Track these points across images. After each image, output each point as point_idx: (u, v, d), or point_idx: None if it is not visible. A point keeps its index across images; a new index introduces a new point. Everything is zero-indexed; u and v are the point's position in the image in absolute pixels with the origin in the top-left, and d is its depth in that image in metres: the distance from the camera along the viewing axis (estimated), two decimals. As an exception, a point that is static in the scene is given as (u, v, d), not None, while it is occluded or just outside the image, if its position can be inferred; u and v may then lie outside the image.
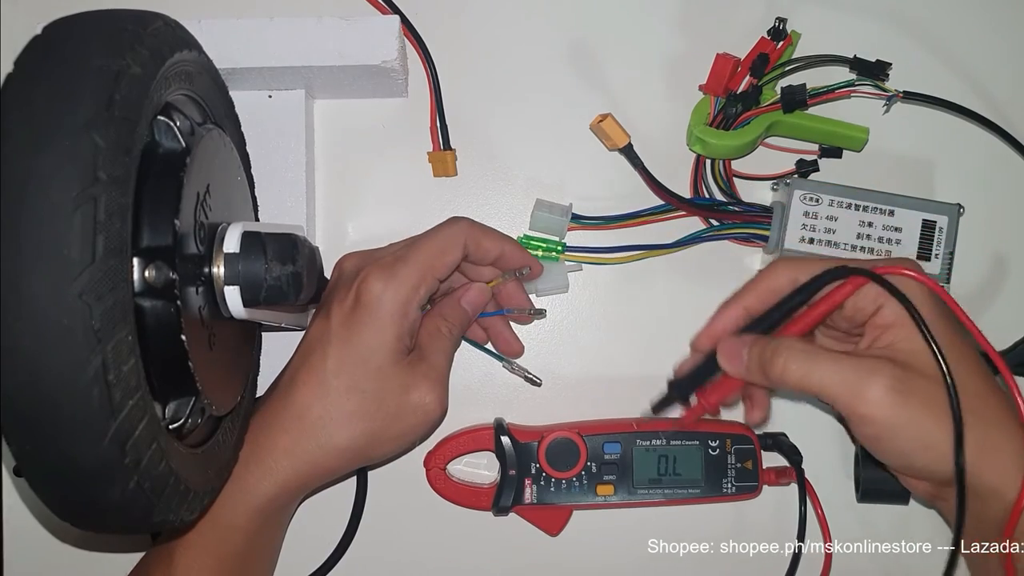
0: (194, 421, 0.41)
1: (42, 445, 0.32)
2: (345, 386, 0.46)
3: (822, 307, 0.44)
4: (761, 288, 0.46)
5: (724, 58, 0.52)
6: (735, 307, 0.47)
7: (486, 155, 0.56)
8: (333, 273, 0.51)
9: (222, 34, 0.49)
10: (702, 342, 0.48)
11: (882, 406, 0.41)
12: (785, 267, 0.46)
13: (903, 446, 0.42)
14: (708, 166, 0.55)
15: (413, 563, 0.56)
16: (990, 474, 0.41)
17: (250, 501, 0.46)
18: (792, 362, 0.42)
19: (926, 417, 0.41)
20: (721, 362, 0.46)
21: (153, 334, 0.37)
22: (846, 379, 0.41)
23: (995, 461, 0.41)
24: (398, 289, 0.46)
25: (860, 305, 0.44)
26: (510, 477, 0.53)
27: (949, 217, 0.53)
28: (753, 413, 0.49)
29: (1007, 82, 0.57)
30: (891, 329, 0.43)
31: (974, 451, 0.41)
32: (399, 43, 0.51)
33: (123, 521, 0.36)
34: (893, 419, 0.41)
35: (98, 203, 0.31)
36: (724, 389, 0.47)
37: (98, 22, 0.36)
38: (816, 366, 0.42)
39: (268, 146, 0.53)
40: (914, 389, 0.41)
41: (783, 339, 0.44)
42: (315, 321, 0.48)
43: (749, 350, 0.44)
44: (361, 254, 0.51)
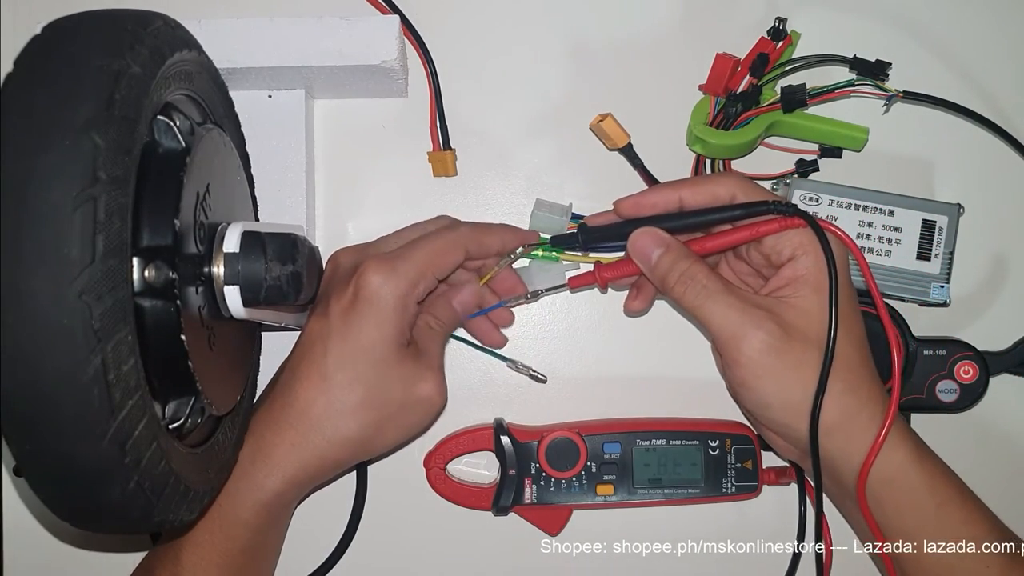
0: (194, 421, 0.40)
1: (42, 445, 0.32)
2: (348, 379, 0.46)
3: (744, 233, 0.46)
4: (703, 188, 0.47)
5: (724, 58, 0.52)
6: (672, 193, 0.48)
7: (486, 155, 0.56)
8: (327, 267, 0.51)
9: (222, 34, 0.49)
10: (626, 208, 0.49)
11: (753, 357, 0.44)
12: (733, 181, 0.47)
13: (765, 398, 0.45)
14: (708, 166, 0.55)
15: (413, 563, 0.56)
16: (843, 439, 0.45)
17: (258, 497, 0.46)
18: (690, 290, 0.45)
19: (792, 378, 0.44)
20: (630, 250, 0.47)
21: (153, 334, 0.37)
22: (731, 323, 0.44)
23: (851, 428, 0.45)
24: (398, 283, 0.46)
25: (779, 248, 0.46)
26: (510, 477, 0.53)
27: (949, 217, 0.53)
28: (635, 303, 0.51)
29: (1007, 82, 0.57)
30: (794, 283, 0.45)
31: (833, 415, 0.44)
32: (399, 43, 0.51)
33: (123, 521, 0.36)
34: (760, 371, 0.44)
35: (98, 203, 0.31)
36: (621, 271, 0.49)
37: (98, 22, 0.36)
38: (708, 302, 0.45)
39: (268, 146, 0.53)
40: (789, 349, 0.44)
41: (691, 265, 0.45)
42: (313, 316, 0.48)
43: (661, 255, 0.46)
44: (355, 248, 0.51)
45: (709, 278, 0.45)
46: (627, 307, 0.51)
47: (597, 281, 0.50)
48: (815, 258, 0.44)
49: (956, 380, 0.53)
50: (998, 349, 0.55)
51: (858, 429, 0.45)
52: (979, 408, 0.54)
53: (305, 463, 0.46)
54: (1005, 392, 0.55)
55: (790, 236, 0.45)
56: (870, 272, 0.46)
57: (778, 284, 0.46)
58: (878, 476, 0.45)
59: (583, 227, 0.50)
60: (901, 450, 0.45)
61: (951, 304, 0.54)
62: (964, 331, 0.55)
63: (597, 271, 0.50)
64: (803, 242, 0.45)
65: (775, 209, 0.45)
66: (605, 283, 0.50)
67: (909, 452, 0.46)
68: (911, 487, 0.46)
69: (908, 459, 0.45)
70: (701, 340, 0.55)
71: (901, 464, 0.45)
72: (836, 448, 0.45)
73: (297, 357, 0.48)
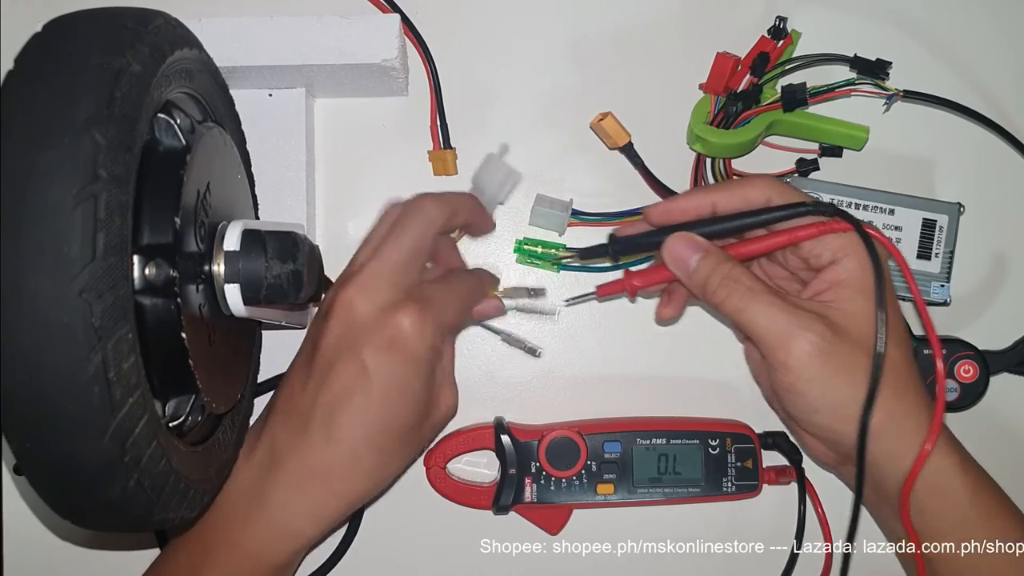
0: (194, 419, 0.41)
1: (42, 443, 0.32)
2: (393, 431, 0.45)
3: (782, 238, 0.44)
4: (737, 192, 0.46)
5: (724, 57, 0.52)
6: (705, 198, 0.47)
7: (486, 154, 0.56)
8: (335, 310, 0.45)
9: (222, 32, 0.49)
10: (656, 215, 0.48)
11: (803, 360, 0.43)
12: (766, 183, 0.46)
13: (813, 403, 0.44)
14: (708, 165, 0.55)
15: (413, 562, 0.56)
16: (890, 443, 0.44)
17: (298, 544, 0.46)
18: (734, 294, 0.44)
19: (842, 380, 0.43)
20: (666, 257, 0.46)
21: (153, 332, 0.37)
22: (778, 326, 0.43)
23: (898, 432, 0.44)
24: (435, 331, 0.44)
25: (818, 252, 0.44)
26: (510, 476, 0.53)
27: (949, 216, 0.53)
28: (667, 309, 0.50)
29: (1007, 82, 0.57)
30: (837, 287, 0.44)
31: (880, 417, 0.43)
32: (399, 42, 0.51)
33: (123, 519, 0.36)
34: (810, 374, 0.43)
35: (98, 201, 0.31)
36: (653, 277, 0.47)
37: (98, 20, 0.36)
38: (753, 304, 0.43)
39: (268, 145, 0.53)
40: (838, 352, 0.43)
41: (733, 268, 0.44)
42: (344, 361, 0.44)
43: (700, 260, 0.45)
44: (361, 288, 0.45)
45: (753, 280, 0.44)
46: (658, 314, 0.50)
47: (626, 289, 0.48)
48: (858, 261, 0.43)
49: (956, 379, 0.53)
50: (998, 348, 0.55)
51: (905, 434, 0.44)
52: (979, 407, 0.54)
53: (350, 506, 0.46)
54: (1005, 391, 0.55)
55: (830, 239, 0.44)
56: (912, 277, 0.44)
57: (820, 288, 0.45)
58: (923, 481, 0.44)
59: (612, 238, 0.49)
60: (947, 457, 0.45)
61: (951, 303, 0.54)
62: (964, 330, 0.55)
63: (627, 279, 0.48)
64: (843, 245, 0.44)
65: (816, 210, 0.43)
66: (635, 291, 0.48)
67: (954, 459, 0.45)
68: (954, 494, 0.45)
69: (953, 466, 0.45)
70: (701, 340, 0.56)
71: (947, 471, 0.44)
72: (882, 452, 0.44)
73: (330, 407, 0.44)
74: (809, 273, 0.46)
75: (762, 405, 0.55)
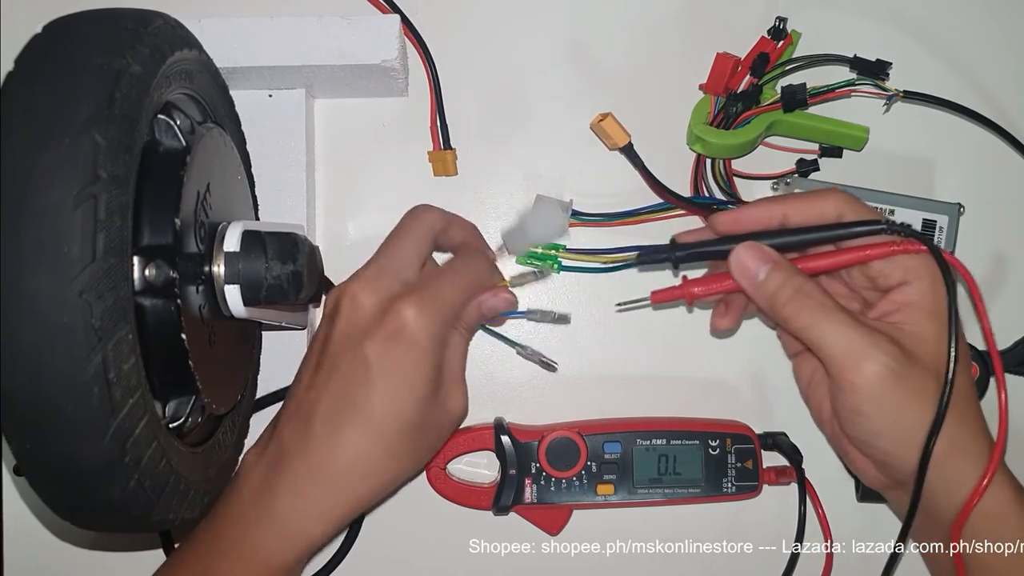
0: (194, 420, 0.41)
1: (42, 444, 0.32)
2: (398, 427, 0.44)
3: (852, 255, 0.43)
4: (809, 205, 0.45)
5: (724, 57, 0.52)
6: (775, 209, 0.45)
7: (486, 154, 0.56)
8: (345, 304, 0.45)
9: (222, 33, 0.49)
10: (723, 223, 0.46)
11: (874, 382, 0.41)
12: (840, 197, 0.44)
13: (878, 426, 0.43)
14: (708, 165, 0.55)
15: (414, 562, 0.56)
16: (950, 470, 0.43)
17: (306, 545, 0.46)
18: (804, 309, 0.42)
19: (911, 405, 0.42)
20: (733, 267, 0.44)
21: (153, 333, 0.37)
22: (850, 345, 0.42)
23: (958, 459, 0.43)
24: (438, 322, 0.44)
25: (888, 272, 0.43)
26: (510, 476, 0.53)
27: (949, 216, 0.53)
28: (724, 320, 0.48)
29: (1007, 82, 0.57)
30: (907, 309, 0.43)
31: (944, 445, 0.42)
32: (399, 42, 0.51)
33: (123, 519, 0.36)
34: (880, 397, 0.42)
35: (98, 201, 0.31)
36: (714, 287, 0.46)
37: (99, 21, 0.36)
38: (824, 322, 0.42)
39: (268, 145, 0.53)
40: (910, 376, 0.42)
41: (805, 282, 0.43)
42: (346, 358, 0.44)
43: (769, 272, 0.43)
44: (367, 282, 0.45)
45: (824, 296, 0.43)
46: (715, 325, 0.48)
47: (684, 297, 0.47)
48: (930, 283, 0.42)
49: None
50: (998, 349, 0.54)
51: (967, 461, 0.43)
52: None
53: (355, 509, 0.46)
54: (1005, 392, 0.55)
55: (901, 259, 0.43)
56: (982, 304, 0.44)
57: (888, 309, 0.44)
58: (977, 512, 0.43)
59: (675, 243, 0.47)
60: (1005, 487, 0.44)
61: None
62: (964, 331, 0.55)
63: (686, 287, 0.46)
64: (914, 266, 0.42)
65: (891, 229, 0.42)
66: (693, 299, 0.47)
67: (1011, 490, 0.44)
68: (1008, 527, 0.44)
69: (1009, 497, 0.44)
70: (701, 340, 0.55)
71: (1004, 501, 0.44)
72: (940, 480, 0.43)
73: (333, 404, 0.44)
74: (873, 293, 0.45)
75: (762, 405, 0.55)
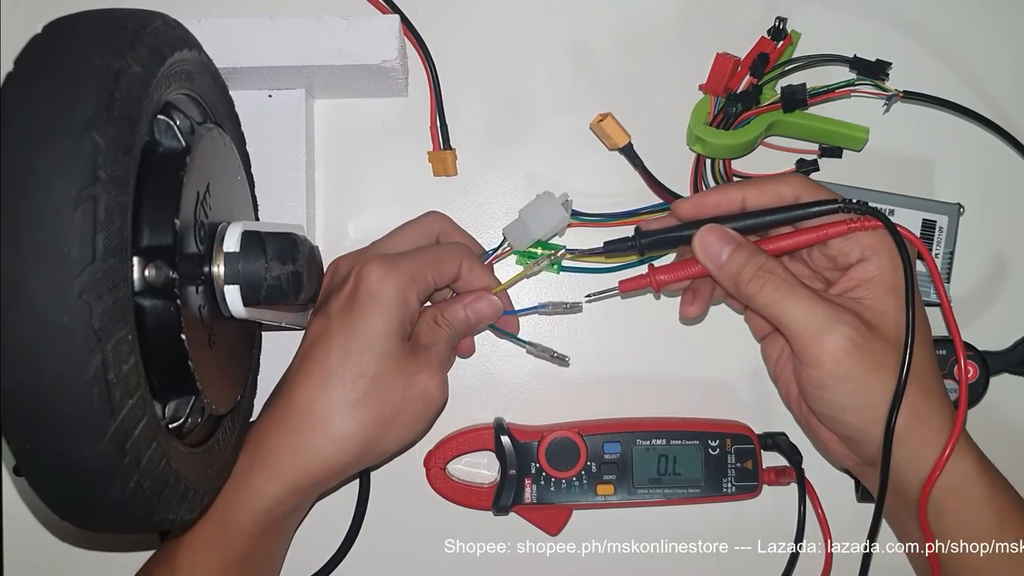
0: (194, 420, 0.41)
1: (42, 444, 0.32)
2: (351, 375, 0.45)
3: (811, 235, 0.44)
4: (767, 188, 0.46)
5: (724, 58, 0.52)
6: (734, 193, 0.46)
7: (486, 155, 0.56)
8: (327, 274, 0.50)
9: (222, 33, 0.49)
10: (685, 209, 0.47)
11: (837, 356, 0.42)
12: (797, 181, 0.46)
13: (843, 400, 0.43)
14: (708, 165, 0.55)
15: (414, 562, 0.56)
16: (914, 442, 0.43)
17: (257, 505, 0.46)
18: (768, 286, 0.43)
19: (874, 378, 0.43)
20: (697, 250, 0.45)
21: (153, 333, 0.37)
22: (813, 319, 0.42)
23: (922, 431, 0.44)
24: (399, 277, 0.46)
25: (847, 250, 0.44)
26: (510, 477, 0.53)
27: (949, 217, 0.53)
28: (692, 308, 0.49)
29: (1007, 82, 0.57)
30: (866, 284, 0.44)
31: (907, 418, 0.43)
32: (399, 43, 0.51)
33: (123, 520, 0.36)
34: (843, 370, 0.42)
35: (98, 202, 0.31)
36: (679, 272, 0.46)
37: (98, 21, 0.36)
38: (788, 297, 0.43)
39: (268, 146, 0.53)
40: (872, 348, 0.42)
41: (767, 260, 0.44)
42: (314, 319, 0.48)
43: (732, 252, 0.44)
44: (353, 253, 0.51)
45: (787, 273, 0.44)
46: (683, 313, 0.49)
47: (651, 284, 0.47)
48: (887, 259, 0.43)
49: (956, 380, 0.53)
50: (998, 349, 0.55)
51: (930, 434, 0.44)
52: (979, 407, 0.54)
53: (307, 468, 0.45)
54: (1005, 392, 0.55)
55: (859, 237, 0.44)
56: (940, 277, 0.44)
57: (848, 285, 0.45)
58: (942, 484, 0.44)
59: (639, 231, 0.48)
60: (966, 459, 0.45)
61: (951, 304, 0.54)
62: (964, 331, 0.55)
63: (652, 274, 0.47)
64: (873, 243, 0.44)
65: (847, 207, 0.43)
66: (660, 287, 0.47)
67: (974, 462, 0.45)
68: (973, 497, 0.45)
69: (973, 469, 0.45)
70: (701, 340, 0.56)
71: (966, 474, 0.44)
72: (906, 453, 0.44)
73: (298, 360, 0.47)
74: (834, 272, 0.46)
75: (762, 405, 0.55)
